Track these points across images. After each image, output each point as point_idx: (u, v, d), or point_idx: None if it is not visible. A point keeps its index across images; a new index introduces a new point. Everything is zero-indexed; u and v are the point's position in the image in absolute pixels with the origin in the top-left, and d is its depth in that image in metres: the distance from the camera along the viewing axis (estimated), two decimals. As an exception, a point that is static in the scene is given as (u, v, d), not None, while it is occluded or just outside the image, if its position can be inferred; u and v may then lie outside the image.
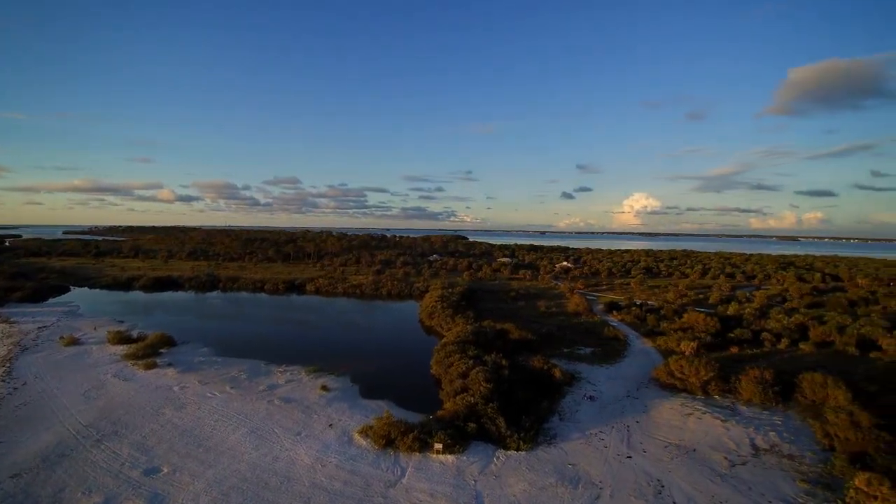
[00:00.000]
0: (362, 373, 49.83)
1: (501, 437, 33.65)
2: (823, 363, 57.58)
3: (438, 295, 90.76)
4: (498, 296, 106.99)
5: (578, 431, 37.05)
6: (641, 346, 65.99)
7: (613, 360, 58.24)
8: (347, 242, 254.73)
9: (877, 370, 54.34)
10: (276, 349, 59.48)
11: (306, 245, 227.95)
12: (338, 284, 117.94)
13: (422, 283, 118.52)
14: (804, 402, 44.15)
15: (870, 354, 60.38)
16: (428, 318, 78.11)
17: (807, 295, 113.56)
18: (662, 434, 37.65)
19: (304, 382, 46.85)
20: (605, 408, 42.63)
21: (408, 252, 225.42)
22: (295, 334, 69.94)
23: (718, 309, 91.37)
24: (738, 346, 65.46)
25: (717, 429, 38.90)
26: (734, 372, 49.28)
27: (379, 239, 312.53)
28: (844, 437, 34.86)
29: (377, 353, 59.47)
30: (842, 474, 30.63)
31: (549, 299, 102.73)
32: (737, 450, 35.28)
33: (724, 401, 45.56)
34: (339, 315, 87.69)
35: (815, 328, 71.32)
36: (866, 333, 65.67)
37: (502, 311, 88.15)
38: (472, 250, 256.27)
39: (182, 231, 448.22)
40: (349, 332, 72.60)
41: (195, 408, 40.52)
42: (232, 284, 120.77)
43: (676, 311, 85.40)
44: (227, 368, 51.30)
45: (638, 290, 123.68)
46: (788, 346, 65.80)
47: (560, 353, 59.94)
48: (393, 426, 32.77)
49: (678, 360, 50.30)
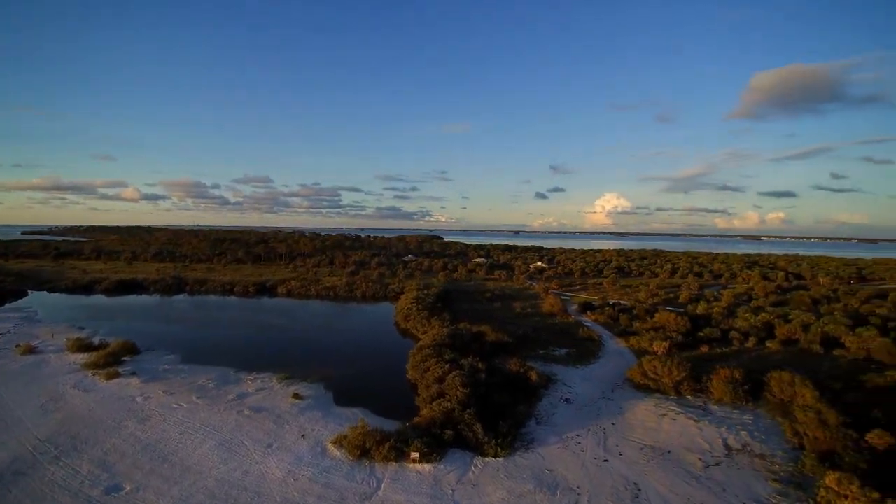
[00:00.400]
0: (336, 379, 48.63)
1: (479, 443, 33.15)
2: (790, 361, 59.29)
3: (414, 297, 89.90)
4: (474, 297, 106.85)
5: (555, 435, 36.89)
6: (615, 346, 66.67)
7: (588, 361, 58.60)
8: (321, 243, 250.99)
9: (840, 368, 56.25)
10: (245, 355, 57.62)
11: (278, 246, 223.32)
12: (310, 286, 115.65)
13: (397, 285, 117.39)
14: (773, 401, 45.22)
15: (833, 352, 62.53)
16: (403, 320, 77.22)
17: (771, 293, 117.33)
18: (638, 436, 37.84)
19: (276, 390, 45.38)
20: (581, 410, 42.68)
21: (382, 252, 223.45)
22: (266, 339, 67.96)
23: (688, 308, 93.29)
24: (708, 345, 66.91)
25: (691, 429, 39.38)
26: (705, 371, 50.18)
27: (353, 239, 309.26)
28: (813, 436, 35.69)
29: (351, 358, 58.23)
30: (812, 473, 31.30)
31: (525, 300, 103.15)
32: (710, 450, 35.72)
33: (696, 400, 46.27)
34: (311, 318, 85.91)
35: (780, 327, 73.46)
36: (830, 331, 68.01)
37: (478, 312, 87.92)
38: (447, 250, 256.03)
39: (147, 231, 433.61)
40: (322, 336, 71.00)
41: (160, 420, 38.68)
42: (199, 287, 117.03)
43: (648, 311, 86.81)
44: (194, 377, 49.31)
45: (611, 290, 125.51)
46: (756, 345, 67.56)
47: (536, 354, 60.00)
48: (368, 436, 31.86)
49: (651, 361, 50.89)
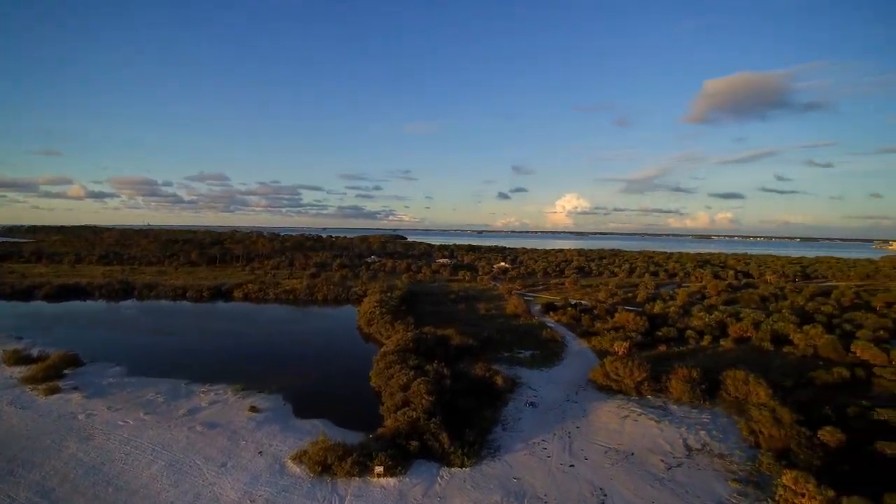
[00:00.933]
0: (296, 389, 46.74)
1: (445, 453, 32.40)
2: (743, 359, 61.55)
3: (377, 300, 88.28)
4: (438, 298, 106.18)
5: (522, 441, 36.61)
6: (578, 347, 67.45)
7: (552, 362, 58.95)
8: (280, 243, 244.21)
9: (790, 365, 58.81)
10: (198, 365, 54.69)
11: (234, 247, 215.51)
12: (269, 290, 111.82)
13: (360, 287, 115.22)
14: (729, 399, 46.65)
15: (783, 349, 65.44)
16: (366, 324, 75.57)
17: (723, 292, 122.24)
18: (602, 439, 38.08)
19: (231, 403, 43.13)
20: (546, 414, 42.65)
21: (345, 253, 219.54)
22: (220, 347, 64.82)
23: (646, 307, 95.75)
24: (665, 345, 68.73)
25: (653, 430, 39.99)
26: (664, 371, 51.30)
27: (314, 239, 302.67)
28: (768, 434, 36.87)
29: (312, 366, 56.27)
30: (769, 472, 32.22)
31: (489, 301, 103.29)
32: (672, 451, 36.31)
33: (656, 401, 47.17)
34: (270, 324, 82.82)
35: (733, 325, 76.35)
36: (779, 329, 71.17)
37: (443, 314, 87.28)
38: (411, 251, 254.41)
39: (93, 232, 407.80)
40: (281, 342, 68.43)
41: (104, 439, 35.96)
42: (149, 292, 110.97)
43: (608, 311, 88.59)
44: (142, 390, 46.31)
45: (572, 290, 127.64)
46: (711, 343, 69.89)
47: (501, 357, 59.88)
48: (329, 450, 30.52)
49: (613, 362, 51.61)
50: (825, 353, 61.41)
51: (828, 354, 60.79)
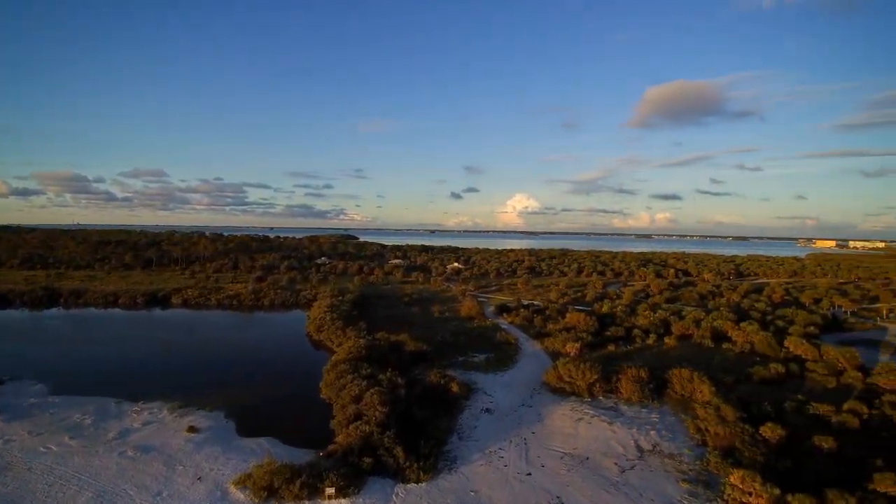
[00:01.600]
0: (240, 404, 43.93)
1: (400, 469, 31.22)
2: (687, 356, 63.99)
3: (328, 304, 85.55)
4: (391, 301, 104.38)
5: (478, 451, 35.98)
6: (531, 348, 67.93)
7: (507, 365, 58.93)
8: (223, 245, 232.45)
9: (730, 361, 61.67)
10: (131, 381, 50.57)
11: (172, 248, 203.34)
12: (210, 295, 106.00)
13: (309, 291, 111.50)
14: (675, 398, 48.18)
15: (723, 346, 68.65)
16: (316, 331, 72.81)
17: (665, 290, 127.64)
18: (558, 444, 38.10)
19: (167, 423, 39.93)
20: (502, 420, 42.30)
21: (293, 255, 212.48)
22: (156, 360, 60.38)
23: (595, 307, 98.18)
24: (614, 344, 70.50)
25: (606, 432, 40.48)
26: (614, 371, 52.36)
27: (260, 240, 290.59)
28: (714, 432, 38.11)
29: (257, 378, 53.34)
30: (717, 470, 33.17)
31: (443, 303, 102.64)
32: (624, 453, 36.79)
33: (608, 401, 47.96)
34: (211, 332, 78.30)
35: (676, 323, 79.48)
36: (718, 326, 74.66)
37: (396, 317, 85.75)
38: (363, 251, 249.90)
39: (15, 233, 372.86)
40: (224, 352, 64.59)
41: (23, 469, 32.22)
42: (77, 299, 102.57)
43: (560, 311, 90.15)
44: (68, 411, 42.15)
45: (524, 290, 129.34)
46: (656, 342, 72.31)
47: (456, 361, 59.26)
48: (276, 473, 28.57)
49: (566, 364, 52.12)
50: (761, 348, 64.89)
51: (764, 350, 64.25)
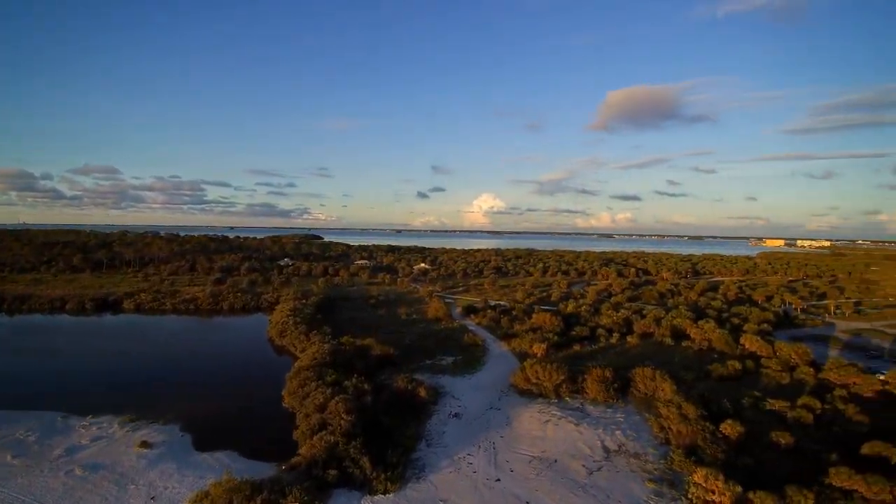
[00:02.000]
0: (196, 416, 41.79)
1: (367, 480, 30.30)
2: (648, 354, 65.49)
3: (290, 307, 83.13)
4: (357, 303, 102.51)
5: (447, 458, 35.40)
6: (499, 350, 67.94)
7: (474, 368, 58.65)
8: (179, 245, 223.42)
9: (689, 358, 63.47)
10: (79, 393, 47.53)
11: (124, 250, 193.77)
12: (165, 299, 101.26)
13: (271, 294, 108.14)
14: (639, 396, 49.04)
15: (682, 343, 70.71)
16: (279, 336, 70.47)
17: (626, 289, 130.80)
18: (526, 447, 37.98)
19: (118, 438, 37.51)
20: (470, 424, 41.88)
21: (254, 256, 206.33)
22: (106, 370, 56.98)
23: (560, 307, 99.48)
24: (579, 344, 71.48)
25: (573, 433, 40.68)
26: (580, 371, 52.93)
27: (219, 240, 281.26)
28: (677, 430, 38.83)
29: (216, 387, 51.06)
30: (681, 469, 33.76)
31: (410, 304, 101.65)
32: (591, 454, 37.01)
33: (574, 402, 48.34)
34: (166, 339, 74.54)
35: (637, 322, 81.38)
36: (678, 325, 76.83)
37: (362, 320, 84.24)
38: (327, 252, 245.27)
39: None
40: (180, 361, 61.59)
41: (-50, 495, 29.46)
42: (21, 305, 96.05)
43: (526, 312, 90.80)
44: (10, 428, 39.09)
45: (491, 291, 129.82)
46: (619, 340, 73.78)
47: (423, 365, 58.60)
48: (235, 490, 27.09)
49: (533, 366, 52.26)
50: (719, 345, 67.12)
51: (721, 347, 66.48)
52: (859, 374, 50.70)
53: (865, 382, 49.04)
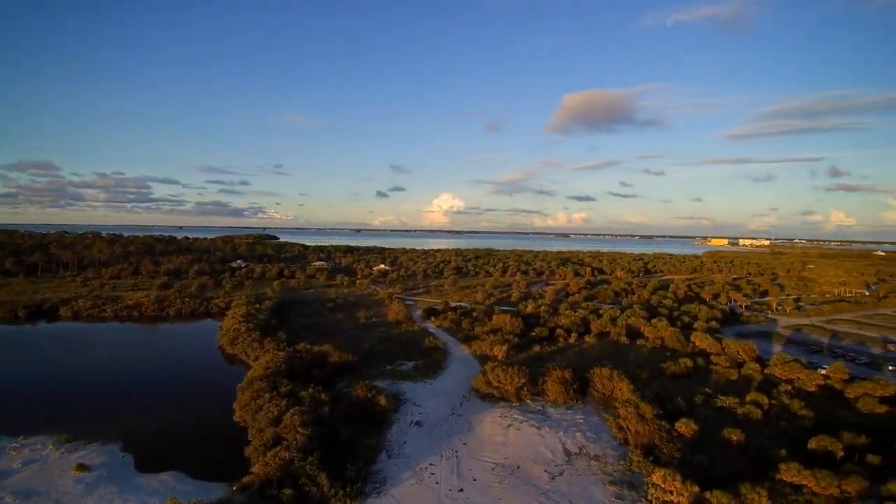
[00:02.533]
0: (139, 434, 38.96)
1: (325, 498, 28.98)
2: (606, 354, 66.91)
3: (243, 313, 79.70)
4: (314, 307, 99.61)
5: (409, 469, 34.46)
6: (460, 353, 67.58)
7: (436, 372, 57.96)
8: (122, 247, 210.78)
9: (644, 357, 65.23)
10: (9, 411, 43.68)
11: (62, 252, 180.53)
12: (106, 305, 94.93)
13: (222, 298, 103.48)
14: (598, 396, 49.76)
15: (637, 342, 72.72)
16: (230, 343, 67.22)
17: (583, 289, 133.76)
18: (489, 454, 37.56)
19: (52, 461, 34.38)
20: (432, 432, 41.11)
21: (204, 257, 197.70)
22: (40, 384, 52.52)
23: (520, 307, 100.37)
24: (539, 345, 72.17)
25: (535, 437, 40.62)
26: (540, 373, 53.26)
27: (166, 241, 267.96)
28: (635, 431, 39.47)
29: (161, 401, 47.97)
30: (640, 470, 34.24)
31: (369, 307, 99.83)
32: (553, 459, 37.02)
33: (535, 405, 48.47)
34: (107, 349, 69.69)
35: (594, 321, 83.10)
36: (632, 324, 78.97)
37: (320, 325, 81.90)
38: (283, 253, 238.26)
39: None
40: (122, 373, 57.69)
41: None
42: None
43: (487, 313, 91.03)
44: (-85, 455, 35.06)
45: (451, 292, 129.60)
46: (577, 340, 75.08)
47: (384, 371, 57.41)
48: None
49: (494, 369, 52.09)
50: (671, 343, 69.35)
51: (673, 345, 68.73)
52: (802, 370, 53.48)
53: (808, 377, 51.72)
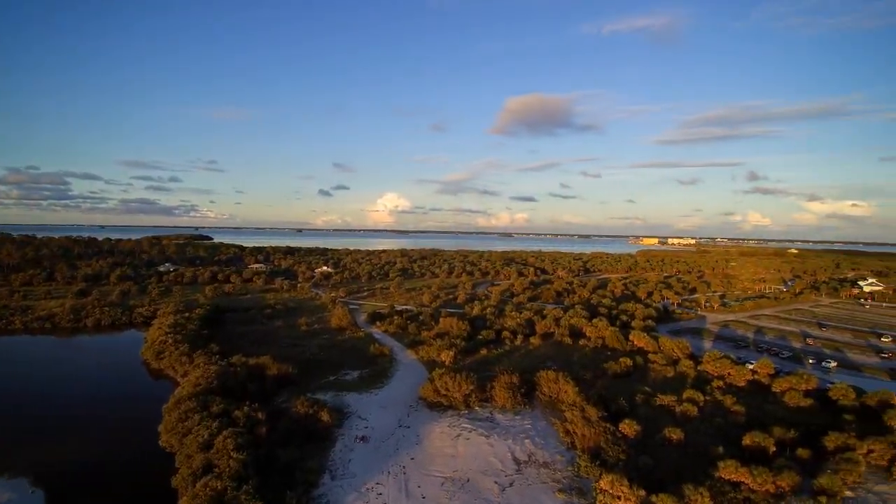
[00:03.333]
0: (51, 465, 34.67)
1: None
2: (551, 355, 67.84)
3: (170, 323, 73.94)
4: (251, 314, 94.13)
5: (354, 490, 32.69)
6: (407, 359, 66.18)
7: (382, 381, 56.23)
8: (34, 250, 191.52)
9: (587, 357, 66.67)
10: None
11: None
12: (14, 316, 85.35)
13: (147, 307, 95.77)
14: (545, 399, 50.02)
15: (580, 342, 74.35)
16: (155, 357, 61.90)
17: (527, 289, 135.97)
18: (438, 468, 36.46)
19: (-71, 508, 29.60)
20: (378, 448, 39.44)
21: (128, 261, 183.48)
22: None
23: (466, 309, 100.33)
24: (486, 348, 72.08)
25: (484, 447, 40.01)
26: (488, 378, 52.90)
27: (85, 243, 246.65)
28: (581, 434, 39.81)
29: (77, 427, 43.17)
30: (587, 475, 34.39)
31: (311, 313, 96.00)
32: (503, 469, 36.48)
33: (483, 411, 47.98)
34: (14, 366, 62.41)
35: (539, 322, 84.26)
36: (575, 324, 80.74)
37: (257, 334, 77.51)
38: (217, 255, 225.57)
39: None
40: (31, 394, 51.69)
41: None
42: None
43: (433, 316, 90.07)
44: None
45: (397, 294, 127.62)
46: (523, 342, 75.73)
47: (326, 382, 55.01)
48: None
49: (442, 377, 51.11)
50: (611, 343, 71.43)
51: (614, 344, 70.81)
52: (733, 366, 56.50)
53: (738, 373, 54.67)
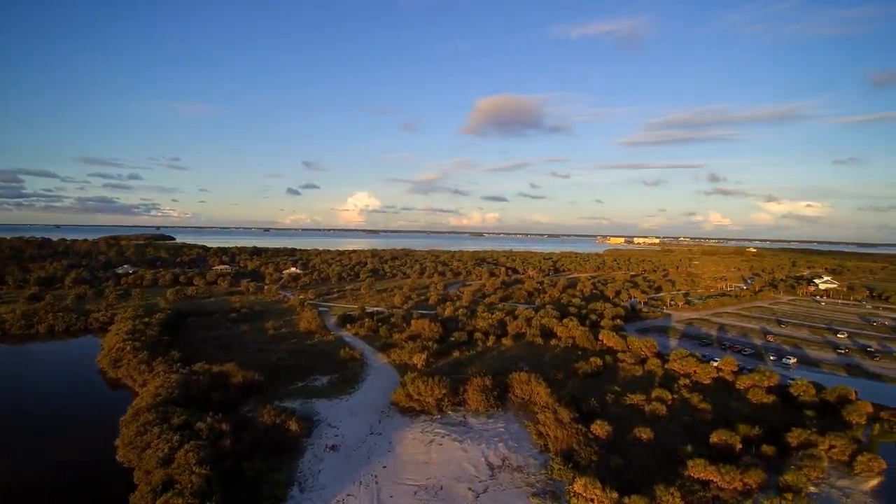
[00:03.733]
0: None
1: (225, 551, 25.25)
2: (523, 356, 68.04)
3: (129, 328, 70.62)
4: (215, 319, 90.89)
5: (324, 502, 31.66)
6: (378, 362, 65.14)
7: (352, 387, 55.03)
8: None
9: (558, 357, 67.14)
10: None
11: None
12: (-45, 325, 79.78)
13: (104, 312, 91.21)
14: (517, 402, 50.00)
15: (551, 342, 74.92)
16: (113, 366, 58.83)
17: (498, 289, 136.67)
18: (411, 476, 35.76)
19: None
20: (349, 457, 38.42)
21: (84, 263, 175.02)
22: None
23: (438, 310, 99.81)
24: (459, 350, 71.74)
25: (457, 453, 39.55)
26: (461, 380, 52.54)
27: (38, 244, 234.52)
28: (554, 436, 39.85)
29: (27, 442, 40.57)
30: (561, 478, 34.36)
31: (278, 316, 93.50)
32: (477, 475, 36.08)
33: (456, 416, 47.54)
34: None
35: (511, 322, 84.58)
36: (546, 324, 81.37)
37: (221, 340, 74.81)
38: (179, 256, 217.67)
39: None
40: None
41: None
42: None
43: (405, 318, 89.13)
44: None
45: (368, 296, 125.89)
46: (495, 343, 75.78)
47: (294, 388, 53.40)
48: None
49: (415, 381, 50.43)
50: (581, 343, 72.22)
51: (584, 344, 71.61)
52: (698, 364, 57.88)
53: (703, 371, 56.02)
